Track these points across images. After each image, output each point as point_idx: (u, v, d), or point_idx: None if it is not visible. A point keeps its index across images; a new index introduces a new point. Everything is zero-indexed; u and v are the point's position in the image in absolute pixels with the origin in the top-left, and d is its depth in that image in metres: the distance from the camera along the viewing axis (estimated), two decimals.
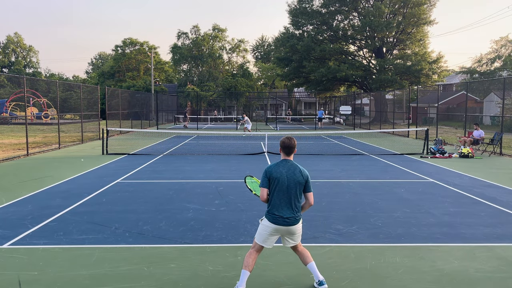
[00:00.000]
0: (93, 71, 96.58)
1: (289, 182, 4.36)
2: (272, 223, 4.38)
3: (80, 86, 24.14)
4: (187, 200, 8.55)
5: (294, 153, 4.57)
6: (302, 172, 4.43)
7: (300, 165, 4.51)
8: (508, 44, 46.47)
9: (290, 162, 4.48)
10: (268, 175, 4.41)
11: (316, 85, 42.45)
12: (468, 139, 16.90)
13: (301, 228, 4.52)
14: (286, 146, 4.50)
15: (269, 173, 4.41)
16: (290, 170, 4.40)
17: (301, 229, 4.55)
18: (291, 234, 4.45)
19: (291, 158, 4.54)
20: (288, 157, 4.53)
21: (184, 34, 54.25)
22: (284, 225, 4.37)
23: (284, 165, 4.44)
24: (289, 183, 4.36)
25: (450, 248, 5.81)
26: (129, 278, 4.79)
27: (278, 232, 4.44)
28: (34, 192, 9.20)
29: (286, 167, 4.42)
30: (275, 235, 4.46)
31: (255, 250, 4.53)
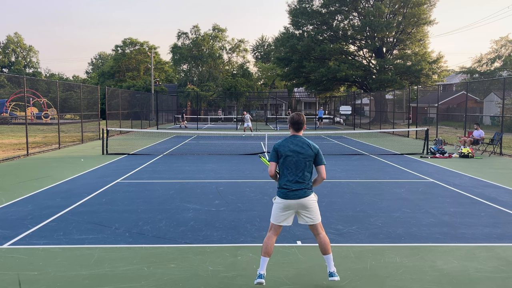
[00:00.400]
0: (93, 71, 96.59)
1: (298, 156, 4.41)
2: (283, 198, 4.43)
3: (80, 86, 24.14)
4: (187, 200, 8.55)
5: (303, 129, 4.61)
6: (311, 146, 4.47)
7: (309, 140, 4.55)
8: (508, 44, 46.48)
9: (298, 137, 4.52)
10: (276, 150, 4.49)
11: (316, 85, 42.45)
12: (468, 139, 16.90)
13: (315, 203, 4.53)
14: (295, 122, 4.56)
15: (277, 149, 4.49)
16: (298, 145, 4.45)
17: (317, 206, 4.55)
18: (304, 209, 4.46)
19: (301, 134, 4.57)
20: (297, 132, 4.56)
21: (184, 34, 54.26)
22: (294, 199, 4.39)
23: (292, 141, 4.50)
24: (297, 157, 4.41)
25: (450, 248, 5.81)
26: (129, 278, 4.79)
27: (290, 208, 4.45)
28: (34, 192, 9.20)
29: (294, 142, 4.48)
30: (288, 211, 4.47)
31: (272, 233, 4.55)
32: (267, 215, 7.37)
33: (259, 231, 6.50)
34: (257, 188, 9.72)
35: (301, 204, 4.43)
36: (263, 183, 10.42)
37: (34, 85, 42.10)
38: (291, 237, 6.22)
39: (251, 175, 11.56)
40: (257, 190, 9.49)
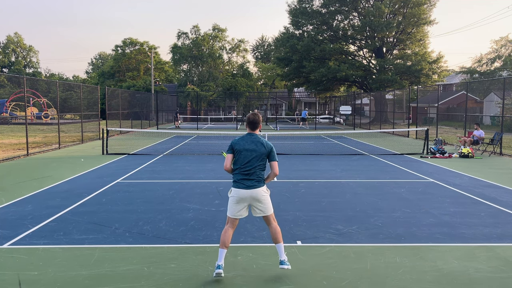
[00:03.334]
0: (93, 71, 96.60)
1: (251, 153, 4.75)
2: (235, 188, 4.79)
3: (80, 86, 24.14)
4: (187, 200, 8.55)
5: (258, 128, 4.92)
6: (264, 144, 4.79)
7: (263, 138, 4.85)
8: (508, 44, 46.48)
9: (254, 135, 4.85)
10: (232, 147, 4.85)
11: (316, 85, 42.44)
12: (468, 139, 16.89)
13: (266, 196, 4.83)
14: (250, 122, 4.90)
15: (233, 145, 4.85)
16: (253, 143, 4.77)
17: (268, 198, 4.86)
18: (256, 201, 4.78)
19: (256, 132, 4.92)
20: (253, 131, 4.91)
21: (184, 34, 54.25)
22: (245, 189, 4.72)
23: (247, 139, 4.84)
24: (250, 154, 4.75)
25: (450, 248, 5.81)
26: (129, 278, 4.79)
27: (243, 201, 4.77)
28: (34, 192, 9.20)
29: (249, 140, 4.81)
30: (241, 203, 4.79)
31: (229, 226, 4.86)
32: None
33: (259, 231, 6.50)
34: None
35: (253, 197, 4.75)
36: None
37: (34, 85, 42.10)
38: (291, 237, 6.22)
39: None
40: None
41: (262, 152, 4.76)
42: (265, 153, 4.78)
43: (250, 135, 4.86)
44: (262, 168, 4.80)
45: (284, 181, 10.65)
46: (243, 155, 4.77)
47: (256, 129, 4.91)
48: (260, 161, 4.77)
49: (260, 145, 4.77)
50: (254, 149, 4.75)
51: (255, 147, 4.76)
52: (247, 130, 4.95)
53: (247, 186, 4.72)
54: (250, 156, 4.75)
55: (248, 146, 4.76)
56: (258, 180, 4.77)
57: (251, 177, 4.74)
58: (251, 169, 4.74)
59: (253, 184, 4.73)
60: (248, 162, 4.75)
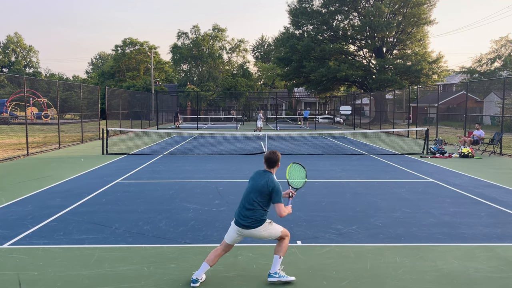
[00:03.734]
0: (93, 71, 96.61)
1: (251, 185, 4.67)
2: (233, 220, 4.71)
3: (80, 86, 24.14)
4: (187, 200, 8.55)
5: (276, 167, 4.79)
6: (268, 183, 4.57)
7: (273, 177, 4.64)
8: (508, 44, 46.48)
9: (266, 172, 4.71)
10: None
11: (316, 85, 42.45)
12: (468, 139, 16.89)
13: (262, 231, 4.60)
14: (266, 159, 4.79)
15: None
16: (260, 179, 4.63)
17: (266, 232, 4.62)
18: (253, 236, 4.65)
19: (271, 171, 4.75)
20: (268, 169, 4.76)
21: (184, 34, 54.24)
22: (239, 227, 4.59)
23: (258, 174, 4.75)
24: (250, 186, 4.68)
25: (450, 248, 5.81)
26: (129, 278, 4.79)
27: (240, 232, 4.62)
28: (34, 192, 9.20)
29: (258, 175, 4.72)
30: (238, 234, 4.64)
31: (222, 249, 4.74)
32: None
33: None
34: None
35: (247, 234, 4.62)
36: None
37: (34, 85, 42.09)
38: (291, 237, 6.20)
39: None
40: None
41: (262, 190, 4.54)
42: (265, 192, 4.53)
43: (264, 171, 4.75)
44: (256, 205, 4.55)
45: (284, 181, 10.63)
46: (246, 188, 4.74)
47: (272, 168, 4.74)
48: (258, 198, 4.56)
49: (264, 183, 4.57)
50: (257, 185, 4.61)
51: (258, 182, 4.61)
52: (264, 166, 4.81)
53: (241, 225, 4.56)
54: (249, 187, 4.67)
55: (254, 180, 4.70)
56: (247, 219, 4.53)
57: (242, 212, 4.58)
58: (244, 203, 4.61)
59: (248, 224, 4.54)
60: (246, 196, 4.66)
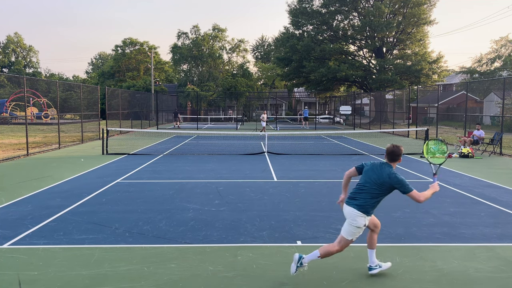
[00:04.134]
0: (93, 71, 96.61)
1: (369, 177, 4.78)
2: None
3: (80, 86, 24.14)
4: (187, 200, 8.55)
5: (398, 161, 4.87)
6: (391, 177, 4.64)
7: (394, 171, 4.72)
8: (508, 44, 46.49)
9: (386, 165, 4.81)
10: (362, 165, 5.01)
11: (316, 85, 42.46)
12: (468, 139, 16.89)
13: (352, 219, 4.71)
14: (388, 152, 4.85)
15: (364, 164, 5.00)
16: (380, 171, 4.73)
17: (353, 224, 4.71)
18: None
19: (392, 164, 4.83)
20: (390, 162, 4.84)
21: (184, 34, 54.24)
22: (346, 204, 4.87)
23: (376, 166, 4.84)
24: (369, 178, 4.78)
25: (450, 248, 5.81)
26: (129, 278, 4.79)
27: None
28: (34, 192, 9.20)
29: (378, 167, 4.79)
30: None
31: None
32: (267, 215, 7.39)
33: (259, 231, 6.50)
34: (257, 188, 9.72)
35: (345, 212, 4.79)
36: (263, 183, 10.42)
37: (34, 85, 42.09)
38: (291, 237, 6.22)
39: (251, 175, 11.56)
40: (257, 190, 9.49)
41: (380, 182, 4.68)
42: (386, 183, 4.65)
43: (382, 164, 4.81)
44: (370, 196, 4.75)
45: (284, 181, 10.65)
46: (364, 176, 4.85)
47: (393, 162, 4.82)
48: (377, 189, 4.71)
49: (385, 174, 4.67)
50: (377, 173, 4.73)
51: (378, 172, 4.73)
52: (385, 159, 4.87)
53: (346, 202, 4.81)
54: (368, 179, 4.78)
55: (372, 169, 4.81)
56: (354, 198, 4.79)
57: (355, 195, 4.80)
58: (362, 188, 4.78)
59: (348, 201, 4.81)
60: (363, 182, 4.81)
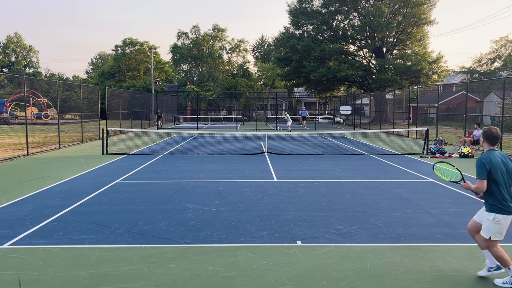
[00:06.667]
0: (93, 71, 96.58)
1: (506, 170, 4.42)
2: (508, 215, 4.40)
3: (80, 86, 24.14)
4: (187, 200, 8.55)
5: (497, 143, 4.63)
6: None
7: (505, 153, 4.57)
8: (508, 44, 46.51)
9: (498, 150, 4.56)
10: (487, 166, 4.42)
11: (316, 85, 42.46)
12: (468, 139, 16.89)
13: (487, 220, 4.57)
14: (493, 137, 4.54)
15: (488, 164, 4.41)
16: (503, 157, 4.51)
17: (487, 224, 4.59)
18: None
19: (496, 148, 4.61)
20: (494, 146, 4.59)
21: (184, 34, 54.22)
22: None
23: (497, 155, 4.47)
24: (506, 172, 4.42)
25: (450, 248, 5.81)
26: (129, 278, 4.79)
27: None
28: (34, 192, 9.20)
29: (500, 156, 4.47)
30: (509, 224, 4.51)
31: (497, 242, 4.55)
32: (267, 215, 7.39)
33: (259, 231, 6.51)
34: (257, 188, 9.72)
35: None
36: (263, 183, 10.42)
37: (34, 85, 42.11)
38: (291, 237, 6.22)
39: (251, 175, 11.56)
40: (257, 190, 9.49)
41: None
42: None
43: (494, 150, 4.57)
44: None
45: (284, 181, 10.65)
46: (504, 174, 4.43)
47: (496, 145, 4.63)
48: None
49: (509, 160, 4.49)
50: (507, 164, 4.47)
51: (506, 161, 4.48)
52: (486, 146, 4.62)
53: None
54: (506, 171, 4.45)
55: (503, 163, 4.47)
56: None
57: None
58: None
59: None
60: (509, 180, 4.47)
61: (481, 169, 4.41)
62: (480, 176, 4.43)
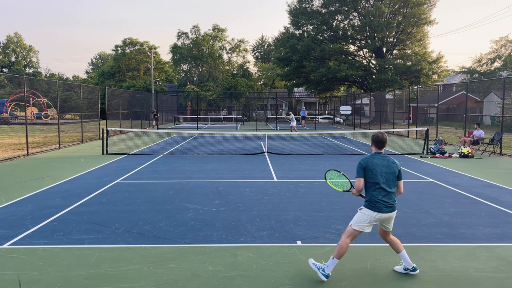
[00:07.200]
0: (93, 71, 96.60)
1: (386, 172, 4.70)
2: (376, 211, 4.68)
3: (80, 86, 24.14)
4: (187, 200, 8.54)
5: (385, 147, 4.89)
6: (396, 163, 4.80)
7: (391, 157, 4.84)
8: (508, 44, 46.52)
9: (382, 154, 4.84)
10: (363, 166, 4.74)
11: (316, 85, 42.46)
12: (468, 139, 16.88)
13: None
14: (379, 141, 4.85)
15: (364, 165, 4.74)
16: (385, 161, 4.75)
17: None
18: (389, 219, 4.79)
19: (382, 151, 4.88)
20: (380, 150, 4.87)
21: (184, 34, 54.25)
22: (386, 213, 4.69)
23: (378, 158, 4.77)
24: (386, 173, 4.70)
25: (450, 248, 5.81)
26: (129, 278, 4.79)
27: (379, 220, 4.76)
28: (34, 192, 9.20)
29: (381, 159, 4.76)
30: (376, 222, 4.79)
31: (351, 237, 4.81)
32: (267, 215, 7.39)
33: (259, 231, 6.50)
34: (257, 188, 9.72)
35: (390, 217, 4.78)
36: (263, 183, 10.42)
37: (34, 85, 42.11)
38: (291, 237, 6.22)
39: (251, 175, 11.56)
40: (257, 190, 9.49)
41: (394, 171, 4.73)
42: (396, 172, 4.74)
43: (379, 153, 4.82)
44: (394, 185, 4.77)
45: (284, 181, 10.65)
46: (378, 174, 4.68)
47: (382, 149, 4.87)
48: (393, 179, 4.73)
49: (392, 164, 4.75)
50: (388, 166, 4.72)
51: (388, 164, 4.73)
52: (373, 149, 4.88)
53: (388, 208, 4.68)
54: (385, 174, 4.70)
55: (381, 164, 4.72)
56: (394, 200, 4.75)
57: (389, 196, 4.70)
58: (387, 187, 4.69)
59: (393, 205, 4.72)
60: (384, 181, 4.68)
61: (358, 168, 4.77)
62: (356, 174, 4.78)
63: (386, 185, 4.68)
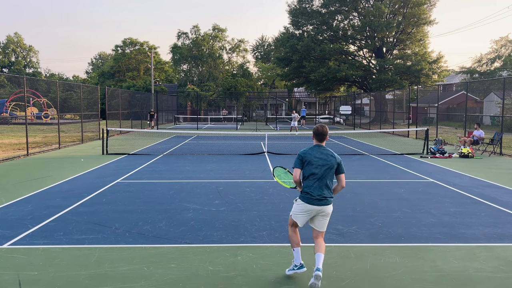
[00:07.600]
0: (93, 71, 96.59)
1: (322, 165, 4.68)
2: (306, 203, 4.67)
3: (80, 86, 24.15)
4: (187, 200, 8.54)
5: (326, 140, 4.90)
6: (335, 156, 4.77)
7: (331, 150, 4.82)
8: (508, 44, 46.53)
9: (322, 147, 4.81)
10: (301, 157, 4.74)
11: (316, 85, 42.46)
12: (468, 139, 16.88)
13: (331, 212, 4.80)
14: (319, 133, 4.84)
15: (302, 156, 4.74)
16: (323, 154, 4.72)
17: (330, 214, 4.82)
18: (322, 215, 4.74)
19: (323, 144, 4.86)
20: (321, 143, 4.85)
21: (184, 34, 54.22)
22: (317, 205, 4.66)
23: (317, 150, 4.77)
24: (321, 166, 4.68)
25: (450, 248, 5.81)
26: (129, 278, 4.79)
27: (310, 212, 4.71)
28: (34, 192, 9.20)
29: (319, 152, 4.74)
30: (307, 214, 4.74)
31: (293, 226, 4.86)
32: (267, 215, 7.39)
33: (259, 231, 6.50)
34: (257, 188, 9.72)
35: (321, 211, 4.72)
36: (263, 183, 10.42)
37: (34, 85, 42.11)
38: None
39: (251, 175, 11.56)
40: (257, 190, 9.49)
41: (332, 164, 4.70)
42: (334, 165, 4.73)
43: (319, 146, 4.82)
44: (331, 179, 4.75)
45: None
46: (314, 166, 4.67)
47: (323, 142, 4.86)
48: (331, 173, 4.73)
49: (330, 157, 4.72)
50: (325, 160, 4.70)
51: (326, 158, 4.71)
52: (314, 142, 4.88)
53: (318, 201, 4.64)
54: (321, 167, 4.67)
55: (319, 157, 4.70)
56: (328, 194, 4.71)
57: (321, 189, 4.67)
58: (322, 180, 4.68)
59: (324, 200, 4.68)
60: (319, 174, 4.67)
61: (296, 159, 4.77)
62: (293, 165, 4.77)
63: (322, 177, 4.66)
